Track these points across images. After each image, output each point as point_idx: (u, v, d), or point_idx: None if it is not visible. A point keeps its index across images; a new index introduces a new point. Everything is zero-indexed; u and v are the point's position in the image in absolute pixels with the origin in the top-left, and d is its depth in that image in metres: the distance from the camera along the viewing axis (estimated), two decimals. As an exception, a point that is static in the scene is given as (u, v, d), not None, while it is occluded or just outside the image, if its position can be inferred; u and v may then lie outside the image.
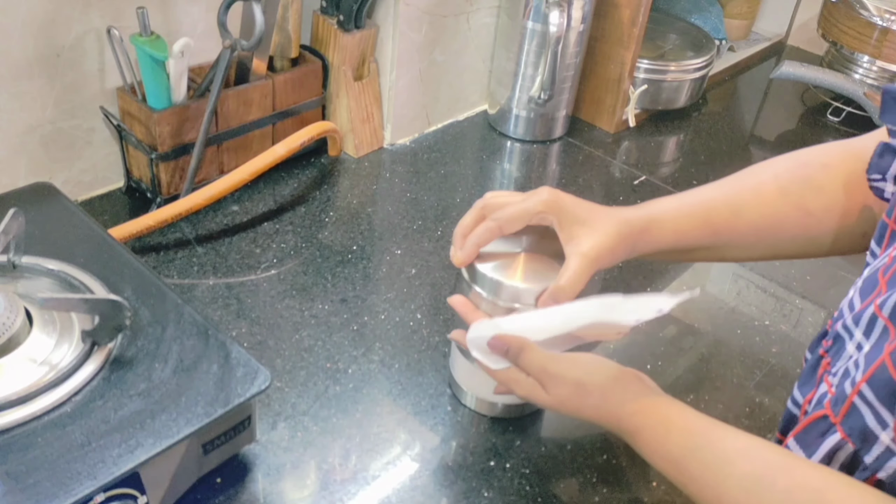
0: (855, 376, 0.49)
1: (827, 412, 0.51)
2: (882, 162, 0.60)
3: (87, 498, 0.51)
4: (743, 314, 0.89)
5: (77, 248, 0.69)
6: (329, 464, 0.66)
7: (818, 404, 0.53)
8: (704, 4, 1.41)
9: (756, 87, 1.46)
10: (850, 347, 0.52)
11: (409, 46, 1.06)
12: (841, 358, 0.53)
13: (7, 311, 0.59)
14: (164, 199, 0.90)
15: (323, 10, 1.02)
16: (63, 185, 0.88)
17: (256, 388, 0.59)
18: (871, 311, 0.50)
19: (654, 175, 1.13)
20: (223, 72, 0.87)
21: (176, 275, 0.83)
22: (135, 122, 0.89)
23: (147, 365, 0.59)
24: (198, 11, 0.92)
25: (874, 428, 0.47)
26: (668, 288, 0.91)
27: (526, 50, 1.11)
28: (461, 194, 1.03)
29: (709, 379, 0.80)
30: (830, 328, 0.56)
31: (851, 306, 0.54)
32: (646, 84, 1.21)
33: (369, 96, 1.07)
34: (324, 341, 0.77)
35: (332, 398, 0.72)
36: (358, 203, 0.99)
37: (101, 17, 0.84)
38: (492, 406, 0.72)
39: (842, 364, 0.52)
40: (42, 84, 0.83)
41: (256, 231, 0.91)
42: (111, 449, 0.53)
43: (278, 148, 0.95)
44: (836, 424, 0.50)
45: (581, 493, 0.66)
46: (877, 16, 1.27)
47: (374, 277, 0.87)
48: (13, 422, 0.54)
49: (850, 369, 0.50)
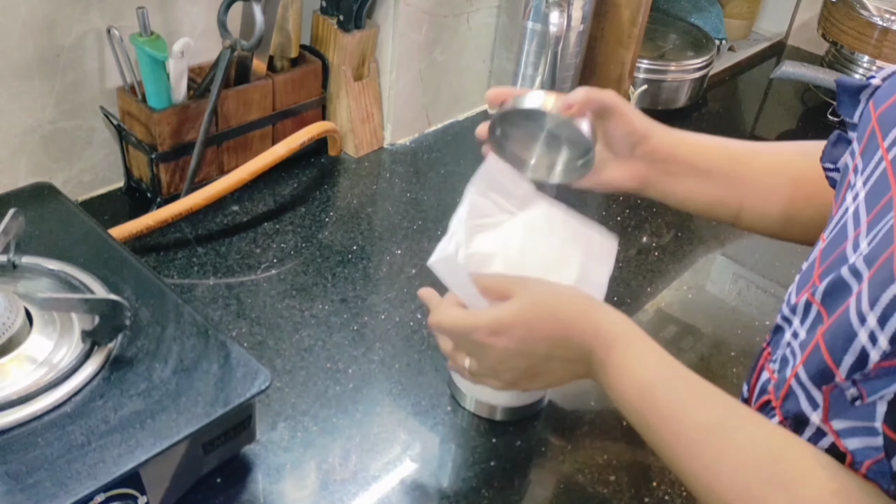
0: (793, 362, 0.50)
1: (770, 397, 0.52)
2: (835, 151, 0.61)
3: (88, 498, 0.51)
4: (743, 314, 0.89)
5: (77, 248, 0.70)
6: (329, 464, 0.66)
7: (762, 391, 0.54)
8: (704, 4, 1.41)
9: (756, 87, 1.46)
10: (788, 335, 0.53)
11: (409, 46, 1.06)
12: (780, 346, 0.54)
13: (7, 311, 0.59)
14: (164, 199, 0.90)
15: (323, 10, 1.02)
16: (63, 185, 0.88)
17: (256, 388, 0.59)
18: (804, 299, 0.52)
19: (654, 175, 1.13)
20: (223, 72, 0.87)
21: (176, 275, 0.83)
22: (135, 122, 0.89)
23: (147, 365, 0.59)
24: (198, 11, 0.92)
25: (806, 410, 0.48)
26: (668, 288, 0.91)
27: (526, 50, 1.10)
28: (461, 194, 1.02)
29: (709, 379, 0.79)
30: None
31: (789, 299, 0.55)
32: (646, 84, 1.21)
33: (369, 96, 1.07)
34: (324, 341, 0.77)
35: (332, 398, 0.72)
36: (358, 203, 0.99)
37: (101, 17, 0.84)
38: (491, 409, 0.72)
39: (780, 352, 0.53)
40: (42, 84, 0.83)
41: (256, 231, 0.91)
42: (111, 449, 0.53)
43: (278, 148, 0.95)
44: (777, 408, 0.51)
45: (581, 493, 0.66)
46: (877, 16, 1.27)
47: (374, 277, 0.87)
48: (13, 422, 0.54)
49: (788, 357, 0.51)
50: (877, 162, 0.50)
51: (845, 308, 0.45)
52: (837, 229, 0.53)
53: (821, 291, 0.50)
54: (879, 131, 0.51)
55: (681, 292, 0.91)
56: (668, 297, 0.90)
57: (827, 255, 0.52)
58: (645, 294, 0.90)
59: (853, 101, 0.58)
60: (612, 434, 0.72)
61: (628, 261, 0.94)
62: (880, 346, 0.42)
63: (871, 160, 0.51)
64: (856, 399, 0.43)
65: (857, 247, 0.48)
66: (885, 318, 0.42)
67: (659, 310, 0.88)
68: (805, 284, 0.53)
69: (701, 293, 0.92)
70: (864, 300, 0.43)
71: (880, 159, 0.50)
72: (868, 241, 0.47)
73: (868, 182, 0.51)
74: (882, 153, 0.50)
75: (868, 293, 0.43)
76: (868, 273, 0.45)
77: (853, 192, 0.52)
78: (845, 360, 0.45)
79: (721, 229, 1.03)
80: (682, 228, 1.02)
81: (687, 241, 1.00)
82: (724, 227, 1.03)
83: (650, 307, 0.88)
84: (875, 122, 0.52)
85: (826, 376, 0.46)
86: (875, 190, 0.49)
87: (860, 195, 0.51)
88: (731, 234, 1.02)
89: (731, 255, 0.99)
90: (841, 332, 0.45)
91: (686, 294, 0.91)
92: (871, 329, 0.43)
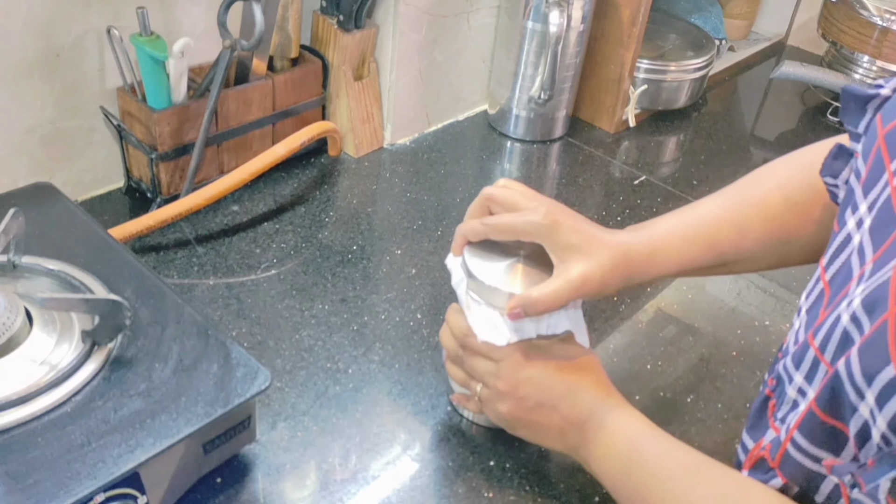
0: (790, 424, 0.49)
1: (765, 455, 0.52)
2: (836, 165, 0.58)
3: (87, 498, 0.51)
4: (743, 314, 0.89)
5: (77, 248, 0.69)
6: (329, 464, 0.66)
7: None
8: (704, 4, 1.41)
9: (756, 87, 1.46)
10: (791, 391, 0.51)
11: (409, 46, 1.06)
12: (784, 402, 0.52)
13: (7, 311, 0.59)
14: (164, 199, 0.90)
15: (323, 10, 1.02)
16: (63, 185, 0.88)
17: (256, 388, 0.59)
18: (812, 354, 0.49)
19: (654, 175, 1.13)
20: (223, 72, 0.87)
21: (176, 275, 0.83)
22: (135, 122, 0.89)
23: (147, 365, 0.59)
24: (198, 11, 0.92)
25: (814, 468, 0.47)
26: (668, 288, 0.91)
27: (526, 50, 1.11)
28: (461, 194, 1.03)
29: (709, 379, 0.80)
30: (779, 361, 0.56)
31: (796, 337, 0.53)
32: (646, 84, 1.21)
33: (369, 96, 1.07)
34: (324, 341, 0.77)
35: (332, 398, 0.72)
36: (358, 203, 0.99)
37: (101, 17, 0.84)
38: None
39: (786, 409, 0.52)
40: (42, 84, 0.83)
41: (256, 231, 0.91)
42: (111, 449, 0.53)
43: (278, 148, 0.95)
44: (776, 469, 0.50)
45: (581, 492, 0.66)
46: (877, 16, 1.27)
47: (374, 277, 0.87)
48: (13, 422, 0.54)
49: (791, 418, 0.50)
50: (883, 185, 0.48)
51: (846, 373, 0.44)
52: (842, 263, 0.50)
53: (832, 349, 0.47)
54: (886, 151, 0.49)
55: (681, 292, 0.91)
56: (668, 297, 0.90)
57: (834, 293, 0.50)
58: (645, 294, 0.90)
59: (860, 111, 0.55)
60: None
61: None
62: (879, 426, 0.41)
63: (878, 182, 0.49)
64: (853, 487, 0.43)
65: (860, 287, 0.46)
66: (882, 399, 0.41)
67: (659, 310, 0.88)
68: (813, 321, 0.51)
69: (701, 293, 0.92)
70: (857, 373, 0.42)
71: (886, 183, 0.48)
72: (868, 283, 0.45)
73: (874, 207, 0.48)
74: (888, 176, 0.48)
75: (860, 365, 0.42)
76: (867, 330, 0.43)
77: (857, 216, 0.50)
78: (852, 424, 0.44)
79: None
80: (682, 228, 1.02)
81: (687, 241, 1.00)
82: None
83: (650, 307, 0.88)
84: (882, 140, 0.49)
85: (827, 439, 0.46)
86: (881, 219, 0.47)
87: (865, 222, 0.49)
88: (731, 234, 1.02)
89: (731, 255, 0.99)
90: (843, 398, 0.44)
91: (686, 294, 0.91)
92: (871, 407, 0.42)
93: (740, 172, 0.69)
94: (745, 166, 1.18)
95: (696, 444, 0.56)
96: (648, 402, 0.76)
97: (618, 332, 0.84)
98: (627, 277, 0.61)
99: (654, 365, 0.80)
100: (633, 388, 0.77)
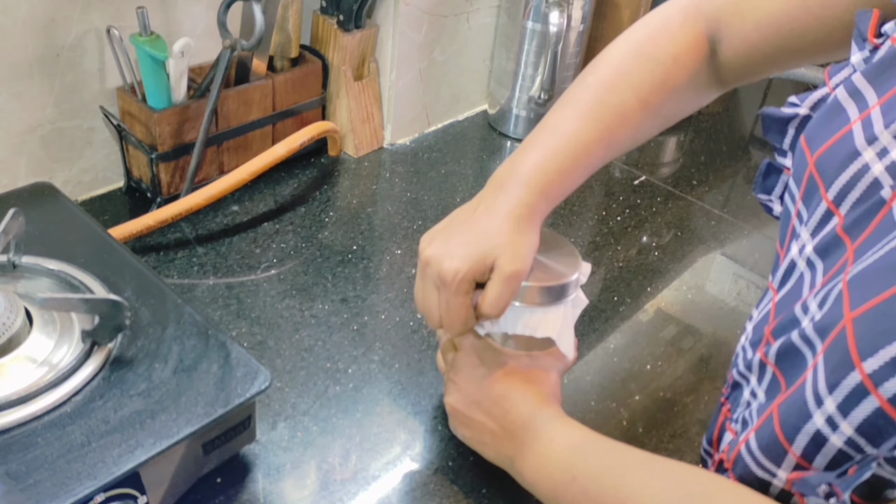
0: (750, 426, 0.50)
1: (723, 457, 0.53)
2: (767, 182, 0.60)
3: (87, 498, 0.51)
4: (743, 314, 0.89)
5: (77, 248, 0.69)
6: (329, 464, 0.66)
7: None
8: (704, 4, 1.41)
9: (756, 87, 1.45)
10: (746, 394, 0.53)
11: (409, 46, 1.06)
12: (740, 405, 0.54)
13: (7, 311, 0.59)
14: (164, 199, 0.90)
15: (323, 10, 1.02)
16: (63, 185, 0.88)
17: (256, 388, 0.59)
18: (759, 359, 0.51)
19: (654, 175, 1.13)
20: (223, 72, 0.87)
21: (176, 275, 0.83)
22: (135, 122, 0.89)
23: (147, 365, 0.59)
24: (198, 11, 0.92)
25: (763, 476, 0.48)
26: (668, 288, 0.91)
27: (526, 50, 1.11)
28: (461, 194, 1.03)
29: (709, 379, 0.80)
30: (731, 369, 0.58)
31: (744, 353, 0.55)
32: (646, 84, 1.21)
33: (369, 96, 1.07)
34: (324, 341, 0.77)
35: (332, 398, 0.72)
36: (358, 203, 0.99)
37: (101, 17, 0.84)
38: None
39: (741, 411, 0.54)
40: (42, 84, 0.83)
41: (256, 231, 0.91)
42: (111, 449, 0.53)
43: (278, 148, 0.95)
44: (729, 470, 0.52)
45: (581, 493, 0.66)
46: (877, 16, 1.26)
47: (374, 277, 0.87)
48: (13, 422, 0.54)
49: (747, 419, 0.52)
50: (823, 215, 0.48)
51: (801, 383, 0.45)
52: (792, 283, 0.51)
53: (774, 352, 0.49)
54: (820, 180, 0.49)
55: (681, 292, 0.91)
56: (668, 297, 0.90)
57: (780, 309, 0.51)
58: (645, 294, 0.90)
59: (781, 131, 0.57)
60: (612, 433, 0.72)
61: (628, 261, 0.94)
62: (843, 432, 0.42)
63: (816, 211, 0.49)
64: (829, 496, 0.43)
65: (806, 310, 0.47)
66: (847, 406, 0.41)
67: (659, 310, 0.88)
68: (759, 340, 0.52)
69: (701, 293, 0.92)
70: (821, 382, 0.42)
71: (827, 212, 0.48)
72: (818, 303, 0.46)
73: (816, 235, 0.49)
74: (827, 205, 0.48)
75: (825, 374, 0.42)
76: (821, 346, 0.43)
77: (798, 243, 0.51)
78: (798, 440, 0.45)
79: (721, 229, 1.03)
80: (682, 228, 1.02)
81: (687, 241, 1.00)
82: (725, 227, 1.03)
83: (650, 307, 0.88)
84: (813, 168, 0.50)
85: (777, 451, 0.46)
86: (826, 245, 0.48)
87: (807, 248, 0.50)
88: (731, 234, 1.02)
89: (731, 255, 0.99)
90: (795, 410, 0.45)
91: (686, 294, 0.91)
92: (830, 414, 0.42)
93: (740, 172, 0.69)
94: (745, 166, 1.18)
95: (696, 445, 0.56)
96: (648, 402, 0.76)
97: (618, 332, 0.84)
98: (537, 222, 0.62)
99: (654, 365, 0.80)
100: (632, 388, 0.77)
